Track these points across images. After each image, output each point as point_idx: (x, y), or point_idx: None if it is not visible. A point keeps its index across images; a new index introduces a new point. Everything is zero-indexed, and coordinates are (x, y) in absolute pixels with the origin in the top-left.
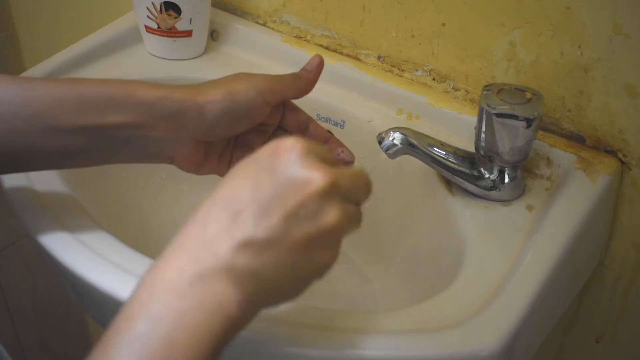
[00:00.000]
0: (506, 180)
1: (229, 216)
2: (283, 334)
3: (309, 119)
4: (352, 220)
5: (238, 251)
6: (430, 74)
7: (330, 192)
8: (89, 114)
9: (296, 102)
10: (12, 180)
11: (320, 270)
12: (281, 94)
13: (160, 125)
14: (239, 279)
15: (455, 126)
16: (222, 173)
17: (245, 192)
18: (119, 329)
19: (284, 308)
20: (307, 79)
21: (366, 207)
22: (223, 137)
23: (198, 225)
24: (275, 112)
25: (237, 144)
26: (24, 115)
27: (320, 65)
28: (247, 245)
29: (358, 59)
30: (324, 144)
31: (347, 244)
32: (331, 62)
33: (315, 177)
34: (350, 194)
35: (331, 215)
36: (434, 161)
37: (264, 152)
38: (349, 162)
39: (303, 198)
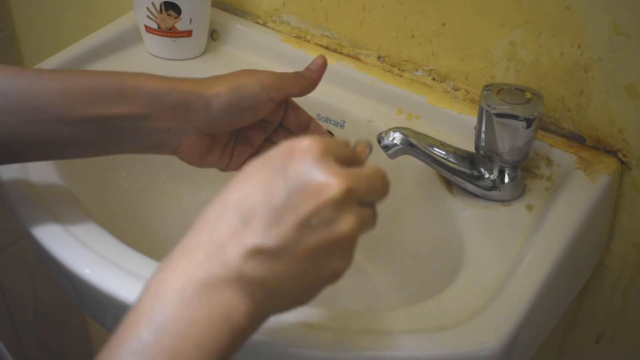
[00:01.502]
0: (506, 180)
1: (239, 221)
2: (282, 334)
3: (310, 119)
4: (366, 223)
5: (247, 259)
6: (430, 74)
7: (346, 199)
8: (96, 105)
9: (297, 101)
10: (12, 180)
11: (331, 278)
12: (285, 90)
13: (166, 116)
14: (248, 288)
15: (455, 126)
16: (223, 166)
17: (256, 197)
18: (124, 336)
19: None
20: (310, 78)
21: None
22: (227, 131)
23: (207, 229)
24: (277, 110)
25: (239, 138)
26: (32, 105)
27: (323, 65)
28: (257, 253)
29: (358, 59)
30: None
31: None
32: (331, 62)
33: (331, 183)
34: (366, 197)
35: (346, 223)
36: (434, 161)
37: (278, 153)
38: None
39: (317, 206)
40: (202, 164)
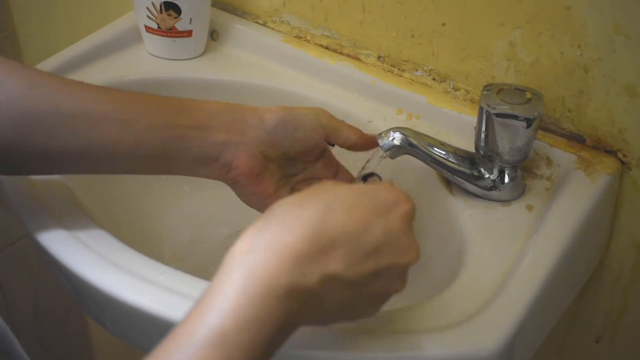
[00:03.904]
0: (506, 180)
1: (329, 243)
2: None
3: (338, 165)
4: None
5: (322, 281)
6: (430, 74)
7: (410, 267)
8: (161, 115)
9: (296, 102)
10: (12, 179)
11: (355, 318)
12: (336, 127)
13: (223, 129)
14: (311, 303)
15: (455, 126)
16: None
17: (354, 230)
18: (206, 324)
19: None
20: (361, 138)
21: None
22: (279, 152)
23: (296, 238)
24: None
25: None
26: (103, 110)
27: (373, 142)
28: (331, 277)
29: (358, 59)
30: None
31: None
32: (331, 62)
33: (413, 250)
34: None
35: (402, 285)
36: (434, 161)
37: (386, 198)
38: None
39: (396, 263)
40: (258, 189)
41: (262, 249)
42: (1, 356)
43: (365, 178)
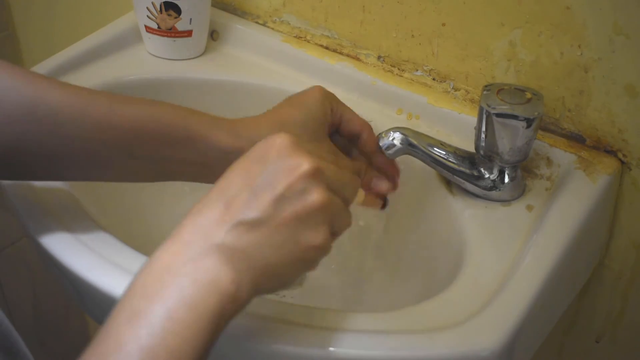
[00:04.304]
0: (506, 180)
1: (222, 205)
2: (283, 333)
3: (362, 129)
4: (338, 214)
5: (229, 231)
6: (430, 74)
7: (315, 175)
8: (164, 148)
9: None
10: (13, 181)
11: (308, 252)
12: None
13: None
14: (230, 256)
15: (455, 126)
16: None
17: (237, 182)
18: (122, 308)
19: (284, 308)
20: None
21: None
22: None
23: (193, 216)
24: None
25: None
26: (103, 139)
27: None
28: (237, 225)
29: (358, 59)
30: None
31: (348, 243)
32: (331, 62)
33: (302, 161)
34: (335, 185)
35: (316, 195)
36: (434, 161)
37: (255, 148)
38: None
39: (291, 180)
40: None
41: (165, 249)
42: (5, 354)
43: None
